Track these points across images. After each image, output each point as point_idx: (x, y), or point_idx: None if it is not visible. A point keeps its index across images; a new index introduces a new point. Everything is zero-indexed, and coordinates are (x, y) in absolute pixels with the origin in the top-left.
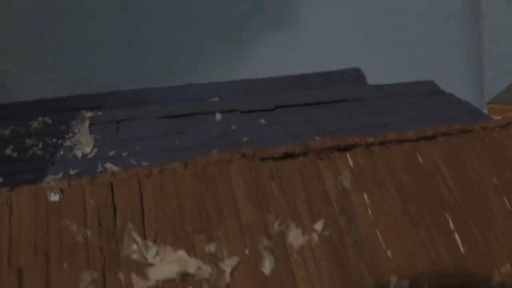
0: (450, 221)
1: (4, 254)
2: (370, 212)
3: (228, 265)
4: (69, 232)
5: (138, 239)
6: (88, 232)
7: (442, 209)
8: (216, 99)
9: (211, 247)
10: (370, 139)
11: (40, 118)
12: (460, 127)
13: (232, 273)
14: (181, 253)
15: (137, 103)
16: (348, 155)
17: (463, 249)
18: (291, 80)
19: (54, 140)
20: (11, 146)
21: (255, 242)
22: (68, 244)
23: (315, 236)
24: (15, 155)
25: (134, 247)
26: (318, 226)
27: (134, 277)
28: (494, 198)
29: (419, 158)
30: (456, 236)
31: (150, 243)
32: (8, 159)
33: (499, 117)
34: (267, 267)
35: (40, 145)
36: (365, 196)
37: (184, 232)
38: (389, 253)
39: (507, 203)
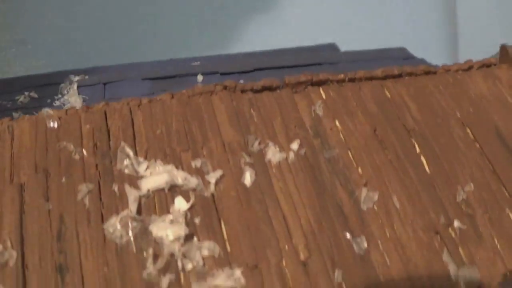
0: (416, 146)
1: (7, 172)
2: (341, 135)
3: (212, 177)
4: (67, 152)
5: (131, 153)
6: (84, 152)
7: (408, 135)
8: (198, 63)
9: (196, 163)
10: (341, 76)
11: (26, 93)
12: (424, 68)
13: (216, 184)
14: (170, 167)
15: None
16: (321, 89)
17: (428, 170)
18: (268, 54)
19: None
20: None
21: (237, 159)
22: (66, 162)
23: (291, 154)
24: None
25: (127, 161)
26: (294, 145)
27: (127, 187)
28: (457, 129)
29: (387, 92)
30: (422, 158)
31: (141, 159)
32: None
33: None
34: (248, 179)
35: None
36: (337, 123)
37: (172, 151)
38: (359, 170)
39: (470, 134)
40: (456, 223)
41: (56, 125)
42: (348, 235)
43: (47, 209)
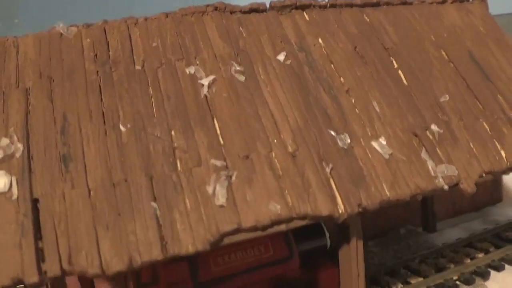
0: (394, 62)
1: (13, 79)
2: (324, 51)
3: (206, 80)
4: (69, 62)
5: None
6: (86, 61)
7: (387, 53)
8: None
9: (190, 70)
10: (323, 2)
11: None
12: (389, 0)
13: (209, 86)
14: None
15: None
16: (304, 13)
17: (406, 82)
18: None
19: None
20: None
21: (227, 67)
22: (68, 70)
23: (278, 64)
24: None
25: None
26: (281, 57)
27: None
28: (432, 50)
29: (366, 18)
30: (400, 72)
31: (138, 67)
32: None
33: None
34: (239, 81)
35: None
36: (320, 40)
37: (168, 60)
38: (342, 79)
39: (445, 55)
40: (433, 127)
41: (60, 34)
42: (332, 132)
43: (51, 109)
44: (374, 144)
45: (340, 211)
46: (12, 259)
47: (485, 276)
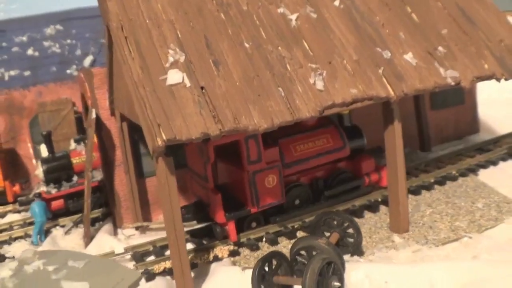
0: (408, 8)
1: (159, 15)
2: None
3: (293, 16)
4: (195, 4)
5: None
6: (208, 4)
7: (403, 3)
8: None
9: (280, 10)
10: None
11: (52, 26)
12: None
13: (296, 20)
14: None
15: None
16: None
17: (418, 21)
18: None
19: (69, 41)
20: (32, 47)
21: (303, 8)
22: (197, 9)
23: (335, 7)
24: (36, 54)
25: None
26: (336, 2)
27: None
28: (432, 1)
29: None
30: (413, 15)
31: (245, 8)
32: (30, 58)
33: None
34: (313, 17)
35: (57, 45)
36: None
37: (263, 3)
38: (377, 17)
39: (440, 5)
40: (440, 48)
41: None
42: (378, 49)
43: (193, 32)
44: (406, 57)
45: (392, 95)
46: (198, 122)
47: (475, 171)
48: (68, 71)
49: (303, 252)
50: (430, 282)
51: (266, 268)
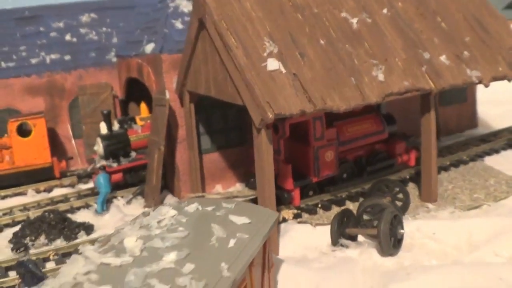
0: (439, 18)
1: (245, 12)
2: (403, 9)
3: (354, 20)
4: (277, 6)
5: None
6: (287, 6)
7: (434, 13)
8: None
9: (343, 14)
10: None
11: (87, 14)
12: None
13: (356, 23)
14: None
15: None
16: None
17: (447, 29)
18: None
19: (105, 29)
20: (70, 34)
21: (361, 14)
22: (279, 10)
23: (384, 15)
24: (74, 40)
25: None
26: (384, 11)
27: None
28: (455, 13)
29: None
30: (443, 24)
31: (316, 10)
32: (68, 43)
33: None
34: (368, 22)
35: (94, 33)
36: (399, 3)
37: (329, 8)
38: (416, 25)
39: (462, 16)
40: (465, 52)
41: None
42: (420, 51)
43: (279, 28)
44: (441, 58)
45: (433, 88)
46: (296, 101)
47: (482, 157)
48: (107, 57)
49: (369, 210)
50: (469, 231)
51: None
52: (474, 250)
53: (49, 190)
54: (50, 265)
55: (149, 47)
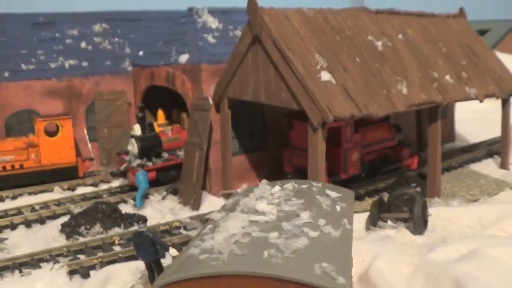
0: (441, 44)
1: (296, 31)
2: (413, 36)
3: (379, 43)
4: (318, 26)
5: None
6: (326, 29)
7: (436, 40)
8: None
9: (369, 38)
10: (397, 10)
11: (99, 24)
12: (420, 13)
13: (381, 46)
14: None
15: None
16: (396, 16)
17: (447, 53)
18: None
19: (117, 39)
20: (84, 41)
21: (384, 39)
22: (319, 31)
23: (399, 40)
24: (89, 47)
25: None
26: (400, 36)
27: None
28: (452, 40)
29: (420, 21)
30: (444, 49)
31: (349, 33)
32: (84, 50)
33: None
34: (389, 45)
35: (107, 42)
36: (409, 31)
37: (358, 32)
38: (424, 49)
39: (457, 44)
40: (463, 74)
41: None
42: (430, 71)
43: (324, 46)
44: (446, 77)
45: (443, 101)
46: (346, 107)
47: (468, 163)
48: (122, 66)
49: (398, 199)
50: (478, 215)
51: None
52: (485, 229)
53: (72, 188)
54: (117, 248)
55: (183, 58)
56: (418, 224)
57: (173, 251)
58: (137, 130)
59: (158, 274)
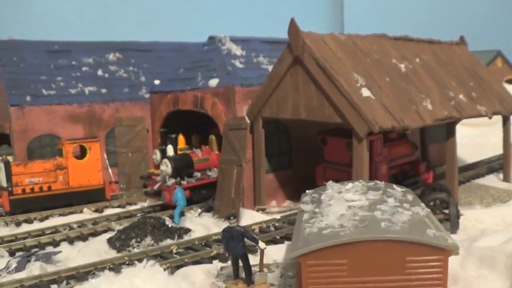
0: (450, 67)
1: (330, 52)
2: (427, 60)
3: (402, 65)
4: (351, 49)
5: None
6: (358, 51)
7: (446, 64)
8: None
9: (394, 61)
10: (408, 37)
11: (112, 53)
12: (430, 40)
13: (404, 68)
14: None
15: None
16: (408, 41)
17: (456, 75)
18: None
19: (131, 68)
20: (101, 69)
21: (405, 62)
22: (353, 53)
23: (417, 63)
24: (106, 75)
25: None
26: (417, 60)
27: None
28: (458, 65)
29: (431, 47)
30: (454, 72)
31: (377, 57)
32: (102, 78)
33: None
34: (410, 67)
35: (123, 71)
36: (424, 55)
37: (383, 56)
38: (437, 71)
39: (462, 67)
40: (473, 93)
41: None
42: (446, 90)
43: (361, 66)
44: (460, 96)
45: (460, 117)
46: (386, 120)
47: (474, 179)
48: (139, 93)
49: (431, 203)
50: (502, 216)
51: None
52: (510, 226)
53: (100, 210)
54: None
55: (213, 82)
56: (454, 223)
57: (262, 244)
58: (169, 150)
59: (245, 267)
